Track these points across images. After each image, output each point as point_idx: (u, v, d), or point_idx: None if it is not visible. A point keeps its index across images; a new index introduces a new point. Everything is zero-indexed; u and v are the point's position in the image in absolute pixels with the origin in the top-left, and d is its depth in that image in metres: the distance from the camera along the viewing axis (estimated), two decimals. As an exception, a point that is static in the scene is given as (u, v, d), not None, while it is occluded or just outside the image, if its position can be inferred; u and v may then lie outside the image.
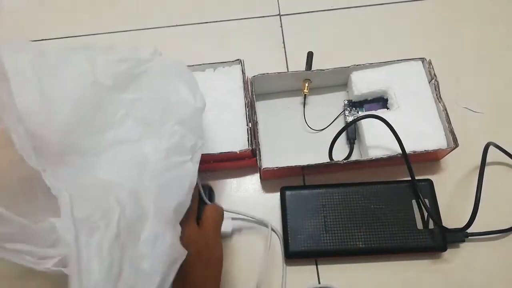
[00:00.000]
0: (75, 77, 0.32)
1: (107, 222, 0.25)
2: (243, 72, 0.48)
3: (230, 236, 0.45)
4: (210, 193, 0.42)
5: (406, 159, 0.43)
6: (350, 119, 0.49)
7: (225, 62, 0.49)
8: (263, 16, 0.60)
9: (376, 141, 0.45)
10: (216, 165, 0.46)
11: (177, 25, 0.60)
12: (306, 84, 0.50)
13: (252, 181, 0.48)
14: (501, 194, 0.46)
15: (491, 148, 0.44)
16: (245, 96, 0.47)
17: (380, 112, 0.47)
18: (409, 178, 0.43)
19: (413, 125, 0.45)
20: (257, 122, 0.46)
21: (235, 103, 0.47)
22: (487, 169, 0.43)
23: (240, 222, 0.45)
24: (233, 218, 0.45)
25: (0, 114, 0.24)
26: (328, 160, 0.46)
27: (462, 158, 0.47)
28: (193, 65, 0.49)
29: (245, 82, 0.48)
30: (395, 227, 0.42)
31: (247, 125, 0.45)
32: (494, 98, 0.52)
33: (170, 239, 0.28)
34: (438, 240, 0.42)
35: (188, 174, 0.32)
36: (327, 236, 0.42)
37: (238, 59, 0.49)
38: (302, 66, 0.52)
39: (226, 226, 0.43)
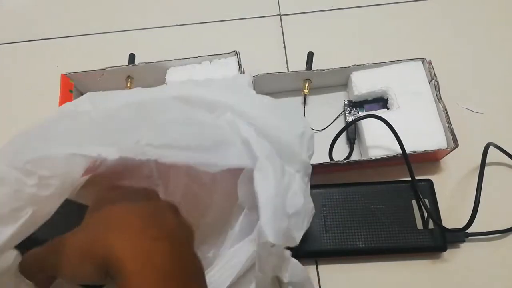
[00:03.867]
0: None
1: None
2: (239, 64, 0.49)
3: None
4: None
5: (406, 159, 0.43)
6: (350, 119, 0.49)
7: (221, 54, 0.49)
8: (263, 16, 0.60)
9: (376, 141, 0.45)
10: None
11: (177, 25, 0.60)
12: (306, 84, 0.50)
13: (252, 181, 0.48)
14: (501, 194, 0.46)
15: (491, 148, 0.44)
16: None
17: (380, 112, 0.47)
18: (409, 178, 0.43)
19: (413, 125, 0.45)
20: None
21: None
22: (487, 169, 0.43)
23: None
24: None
25: None
26: (328, 160, 0.46)
27: (462, 158, 0.47)
28: (189, 58, 0.49)
29: (241, 73, 0.48)
30: (395, 227, 0.42)
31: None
32: (494, 98, 0.52)
33: None
34: (438, 240, 0.42)
35: None
36: (327, 236, 0.42)
37: (234, 51, 0.49)
38: (302, 66, 0.52)
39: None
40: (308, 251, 0.42)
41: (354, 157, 0.48)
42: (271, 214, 0.26)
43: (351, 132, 0.48)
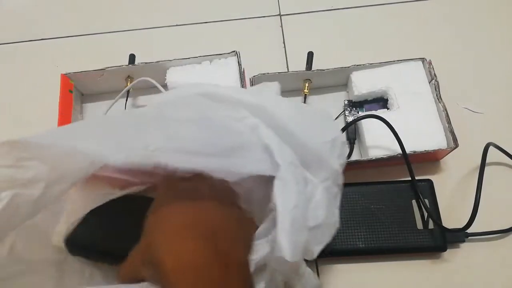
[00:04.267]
0: None
1: None
2: (239, 64, 0.49)
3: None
4: None
5: (406, 159, 0.43)
6: (350, 119, 0.49)
7: (221, 54, 0.49)
8: (263, 16, 0.60)
9: (376, 141, 0.45)
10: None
11: (177, 25, 0.60)
12: (306, 84, 0.50)
13: (252, 181, 0.48)
14: (501, 194, 0.46)
15: (491, 148, 0.44)
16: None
17: (380, 112, 0.47)
18: (409, 178, 0.43)
19: (413, 125, 0.45)
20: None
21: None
22: (487, 169, 0.43)
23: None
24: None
25: None
26: (328, 160, 0.46)
27: (462, 158, 0.47)
28: (189, 58, 0.49)
29: (241, 73, 0.48)
30: (395, 227, 0.42)
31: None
32: (494, 98, 0.52)
33: None
34: (438, 240, 0.42)
35: None
36: (327, 236, 0.42)
37: (234, 51, 0.49)
38: (302, 66, 0.52)
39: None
40: (308, 251, 0.42)
41: (354, 157, 0.48)
42: (289, 227, 0.25)
43: (351, 132, 0.48)
